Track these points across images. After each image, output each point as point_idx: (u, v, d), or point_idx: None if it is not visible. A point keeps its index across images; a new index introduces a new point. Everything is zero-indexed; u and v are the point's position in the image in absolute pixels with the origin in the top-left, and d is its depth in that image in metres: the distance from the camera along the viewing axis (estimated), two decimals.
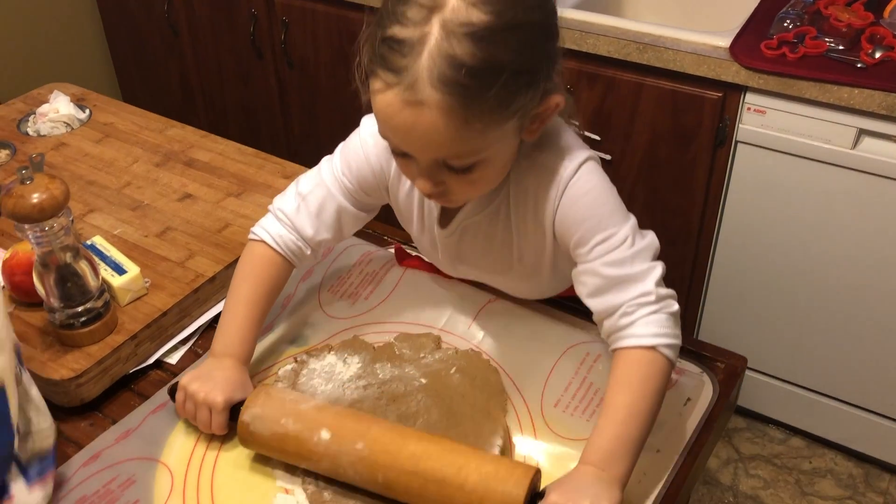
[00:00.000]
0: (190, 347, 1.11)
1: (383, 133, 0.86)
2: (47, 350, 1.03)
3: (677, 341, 0.89)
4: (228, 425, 0.96)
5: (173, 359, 1.10)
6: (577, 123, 0.99)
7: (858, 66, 1.50)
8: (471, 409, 0.97)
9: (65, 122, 1.44)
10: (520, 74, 0.80)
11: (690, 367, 1.03)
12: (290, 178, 1.30)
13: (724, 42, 1.60)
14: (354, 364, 1.04)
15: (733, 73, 1.57)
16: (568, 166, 0.91)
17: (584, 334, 1.06)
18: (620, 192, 0.95)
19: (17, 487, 0.86)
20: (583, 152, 0.93)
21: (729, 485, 1.91)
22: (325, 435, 0.89)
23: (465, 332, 1.08)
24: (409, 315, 1.11)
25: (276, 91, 2.29)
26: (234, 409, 0.95)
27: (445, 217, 1.01)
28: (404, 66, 0.77)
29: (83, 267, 1.01)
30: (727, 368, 1.04)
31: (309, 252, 1.05)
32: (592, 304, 0.91)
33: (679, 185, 1.76)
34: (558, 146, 0.93)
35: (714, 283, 1.86)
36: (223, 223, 1.21)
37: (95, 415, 1.03)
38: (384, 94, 0.80)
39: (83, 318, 1.03)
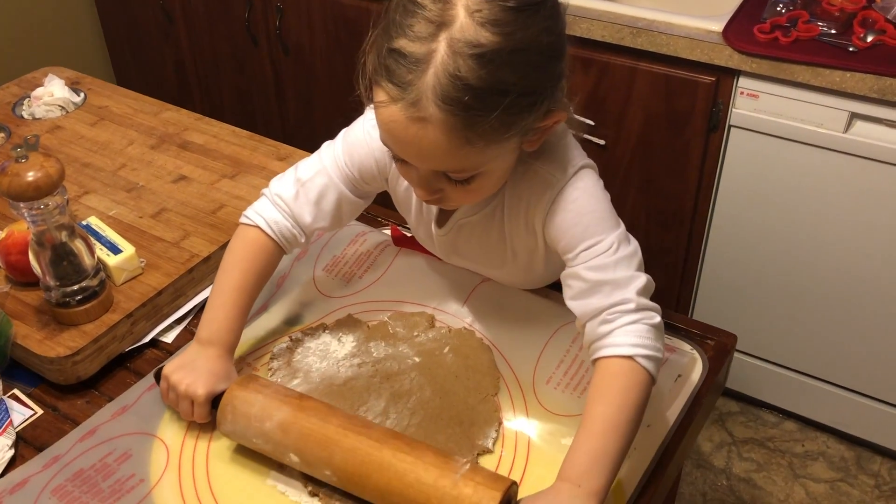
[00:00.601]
0: (185, 327, 1.12)
1: (384, 141, 0.86)
2: (43, 328, 1.04)
3: (657, 354, 0.86)
4: (211, 414, 0.95)
5: (169, 338, 1.10)
6: (576, 131, 0.98)
7: (851, 49, 1.51)
8: (464, 390, 0.98)
9: (60, 106, 1.44)
10: (524, 96, 0.79)
11: (681, 345, 1.04)
12: (285, 160, 1.31)
13: (718, 26, 1.60)
14: (349, 342, 1.04)
15: (726, 57, 1.58)
16: (562, 175, 0.91)
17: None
18: (614, 176, 0.95)
19: None
20: (578, 161, 0.92)
21: (722, 468, 1.92)
22: (293, 458, 0.89)
23: (457, 310, 1.09)
24: (403, 294, 1.12)
25: (271, 78, 2.29)
26: (217, 400, 0.95)
27: (442, 216, 1.01)
28: (409, 82, 0.77)
29: (78, 246, 1.02)
30: (717, 346, 1.05)
31: (303, 240, 1.04)
32: (575, 307, 0.90)
33: (672, 169, 1.77)
34: (555, 155, 0.92)
35: (707, 267, 1.87)
36: (217, 204, 1.22)
37: (92, 392, 1.04)
38: (388, 107, 0.79)
39: (79, 297, 1.03)
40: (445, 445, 0.92)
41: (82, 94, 1.50)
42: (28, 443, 0.98)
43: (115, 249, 1.09)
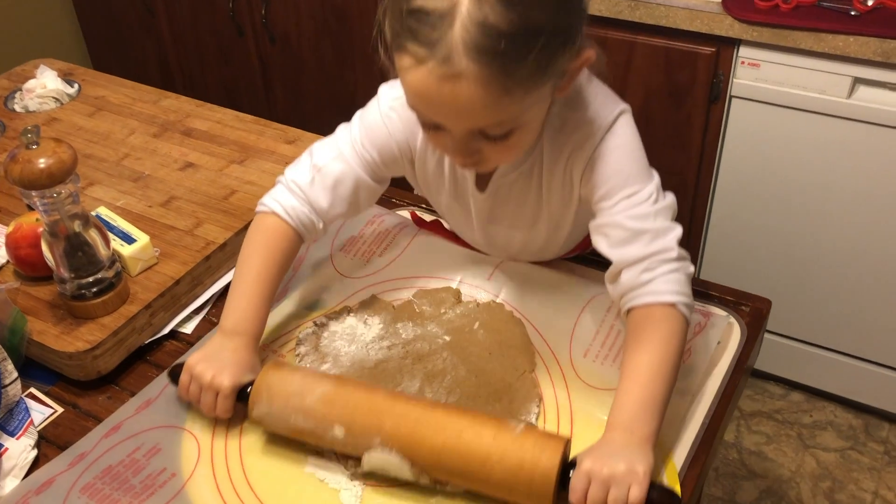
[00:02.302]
0: (204, 316, 1.09)
1: (414, 106, 0.83)
2: (59, 323, 1.00)
3: (692, 302, 0.88)
4: (235, 408, 0.92)
5: (188, 328, 1.07)
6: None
7: (852, 13, 1.50)
8: (500, 368, 0.95)
9: (54, 98, 1.40)
10: (556, 35, 0.77)
11: (717, 311, 1.03)
12: (293, 143, 1.28)
13: None
14: (375, 325, 1.02)
15: (727, 26, 1.56)
16: (601, 124, 0.90)
17: (604, 286, 1.05)
18: None
19: (7, 441, 0.91)
20: (614, 106, 0.92)
21: (732, 442, 1.92)
22: (338, 432, 0.85)
23: (484, 283, 1.06)
24: (424, 270, 1.09)
25: (258, 68, 2.25)
26: (242, 392, 0.91)
27: (481, 181, 0.99)
28: (436, 39, 0.74)
29: (93, 236, 0.98)
30: (753, 311, 1.04)
31: (321, 226, 1.01)
32: (614, 254, 0.90)
33: (674, 142, 1.76)
34: (590, 103, 0.91)
35: (711, 239, 1.86)
36: (229, 190, 1.19)
37: (112, 388, 1.00)
38: (416, 69, 0.76)
39: (95, 289, 1.00)
40: None
41: (76, 86, 1.45)
42: (50, 442, 0.94)
43: (129, 239, 1.05)
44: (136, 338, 1.02)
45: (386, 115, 0.98)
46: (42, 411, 0.97)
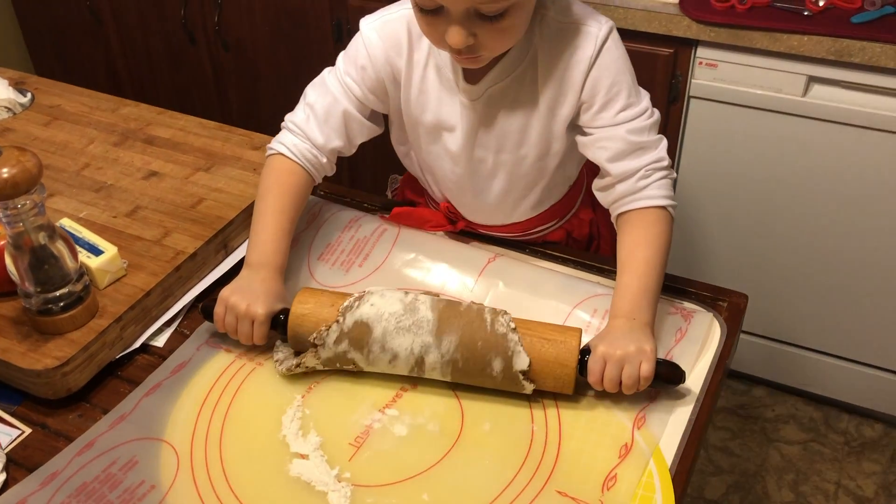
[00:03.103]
0: (176, 329, 1.05)
1: None
2: (25, 340, 0.96)
3: (676, 203, 1.00)
4: (269, 335, 0.97)
5: (159, 341, 1.04)
6: None
7: (805, 13, 1.54)
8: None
9: (5, 108, 1.34)
10: None
11: (698, 308, 1.03)
12: (260, 148, 1.25)
13: None
14: (394, 297, 0.95)
15: (684, 27, 1.58)
16: (600, 29, 0.97)
17: (589, 286, 1.04)
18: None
19: None
20: (606, 20, 0.99)
21: None
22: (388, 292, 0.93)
23: (467, 294, 1.05)
24: (407, 281, 1.07)
25: (211, 76, 2.21)
26: (275, 320, 0.96)
27: (472, 79, 1.01)
28: None
29: (60, 248, 0.94)
30: (731, 307, 1.05)
31: (325, 160, 1.07)
32: (613, 167, 0.99)
33: None
34: (583, 12, 0.99)
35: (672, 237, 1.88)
36: (196, 198, 1.16)
37: (83, 405, 0.97)
38: None
39: (62, 303, 0.96)
40: None
41: (29, 95, 1.40)
42: (19, 465, 0.90)
43: (96, 251, 1.02)
44: (107, 352, 0.98)
45: (367, 36, 1.04)
46: (9, 433, 0.93)
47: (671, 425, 0.90)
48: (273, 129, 1.19)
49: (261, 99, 2.18)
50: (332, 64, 1.10)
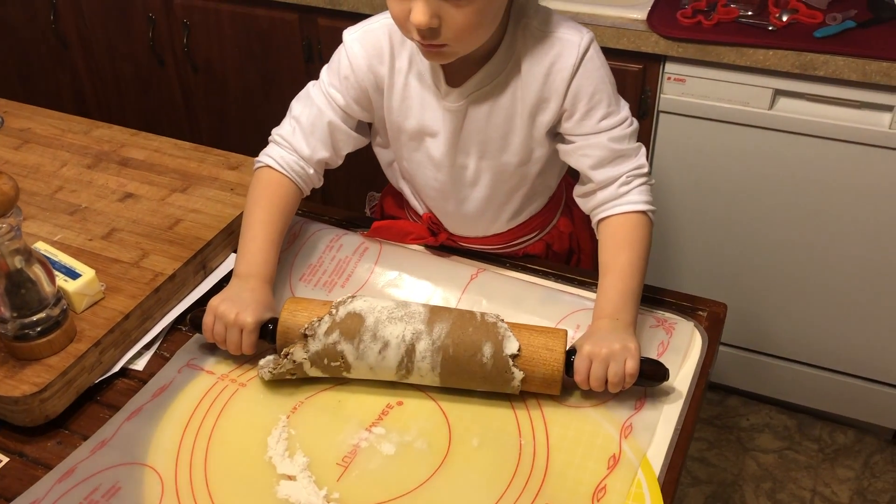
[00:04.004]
0: (155, 352, 1.04)
1: None
2: (1, 366, 0.94)
3: (656, 209, 1.03)
4: (258, 345, 0.98)
5: (139, 365, 1.02)
6: None
7: (770, 28, 1.57)
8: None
9: None
10: None
11: (678, 318, 1.04)
12: (237, 168, 1.24)
13: (641, 14, 1.63)
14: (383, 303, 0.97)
15: (652, 43, 1.61)
16: (582, 38, 1.00)
17: (572, 302, 1.05)
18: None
19: None
20: (587, 31, 1.01)
21: None
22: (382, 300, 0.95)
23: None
24: (392, 299, 1.06)
25: (180, 98, 2.19)
26: (263, 329, 0.97)
27: (454, 83, 1.02)
28: None
29: (36, 272, 0.93)
30: (711, 316, 1.06)
31: (312, 172, 1.08)
32: (595, 174, 1.02)
33: None
34: (564, 23, 1.01)
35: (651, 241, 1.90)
36: (173, 219, 1.14)
37: (62, 432, 0.95)
38: None
39: (39, 328, 0.94)
40: None
41: None
42: None
43: (73, 274, 1.00)
44: (86, 377, 0.96)
45: (349, 46, 1.05)
46: None
47: (658, 435, 0.91)
48: (244, 149, 1.19)
49: (230, 120, 2.17)
50: (303, 85, 1.11)
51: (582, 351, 0.91)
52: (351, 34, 1.06)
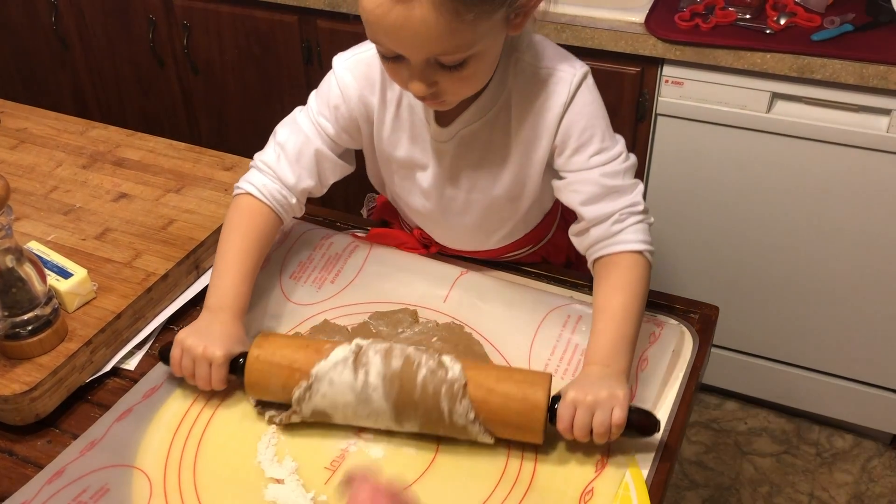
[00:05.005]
0: (147, 351, 1.04)
1: (373, 37, 0.86)
2: None
3: (653, 249, 0.98)
4: (228, 380, 0.94)
5: (131, 364, 1.02)
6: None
7: (767, 32, 1.57)
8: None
9: None
10: None
11: (668, 320, 1.04)
12: (231, 169, 1.25)
13: (639, 18, 1.63)
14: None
15: (650, 46, 1.61)
16: (575, 75, 0.96)
17: (561, 298, 1.05)
18: None
19: None
20: (581, 65, 0.98)
21: None
22: (346, 348, 0.89)
23: (440, 305, 1.05)
24: (380, 294, 1.07)
25: (180, 99, 2.20)
26: (234, 364, 0.93)
27: (444, 120, 1.00)
28: None
29: (28, 271, 0.93)
30: (702, 318, 1.06)
31: (294, 201, 1.05)
32: (586, 210, 0.97)
33: None
34: (556, 56, 0.97)
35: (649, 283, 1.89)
36: (167, 220, 1.15)
37: (52, 431, 0.95)
38: None
39: (30, 327, 0.94)
40: None
41: None
42: None
43: (65, 273, 1.01)
44: (77, 377, 0.97)
45: (340, 75, 1.02)
46: None
47: (648, 438, 0.90)
48: (243, 151, 1.19)
49: (230, 122, 2.17)
50: (302, 87, 1.10)
51: (566, 397, 0.86)
52: (341, 62, 1.02)
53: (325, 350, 0.89)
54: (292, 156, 1.03)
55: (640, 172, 1.77)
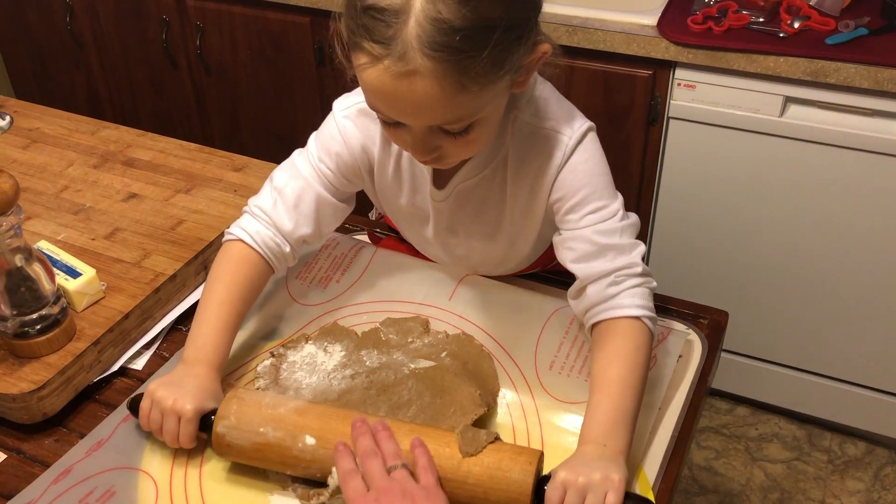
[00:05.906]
0: (155, 351, 1.04)
1: (373, 106, 0.83)
2: (0, 364, 0.94)
3: (656, 316, 0.91)
4: (198, 437, 0.89)
5: (138, 364, 1.03)
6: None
7: (781, 35, 1.56)
8: (465, 384, 0.93)
9: None
10: (511, 29, 0.77)
11: (676, 325, 1.03)
12: (241, 170, 1.25)
13: (651, 20, 1.63)
14: (337, 353, 0.99)
15: (663, 49, 1.60)
16: (572, 136, 0.92)
17: (566, 300, 1.05)
18: None
19: None
20: (581, 120, 0.94)
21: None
22: (309, 441, 0.84)
23: (445, 303, 1.05)
24: (386, 293, 1.07)
25: (193, 99, 2.21)
26: (205, 419, 0.88)
27: (440, 180, 0.98)
28: (391, 36, 0.74)
29: (37, 270, 0.94)
30: (712, 324, 1.05)
31: (288, 250, 1.00)
32: (578, 269, 0.91)
33: (614, 164, 1.71)
34: (556, 113, 0.93)
35: (652, 258, 1.89)
36: (176, 220, 1.15)
37: (60, 430, 0.96)
38: (373, 67, 0.77)
39: (39, 326, 0.95)
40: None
41: (8, 118, 1.40)
42: None
43: (74, 273, 1.01)
44: (85, 376, 0.97)
45: (341, 124, 0.98)
46: None
47: (653, 444, 0.90)
48: (255, 151, 1.19)
49: (242, 122, 2.18)
50: (314, 88, 1.08)
51: (556, 478, 0.80)
52: (342, 110, 0.99)
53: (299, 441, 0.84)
54: (290, 201, 0.99)
55: (652, 175, 1.77)
